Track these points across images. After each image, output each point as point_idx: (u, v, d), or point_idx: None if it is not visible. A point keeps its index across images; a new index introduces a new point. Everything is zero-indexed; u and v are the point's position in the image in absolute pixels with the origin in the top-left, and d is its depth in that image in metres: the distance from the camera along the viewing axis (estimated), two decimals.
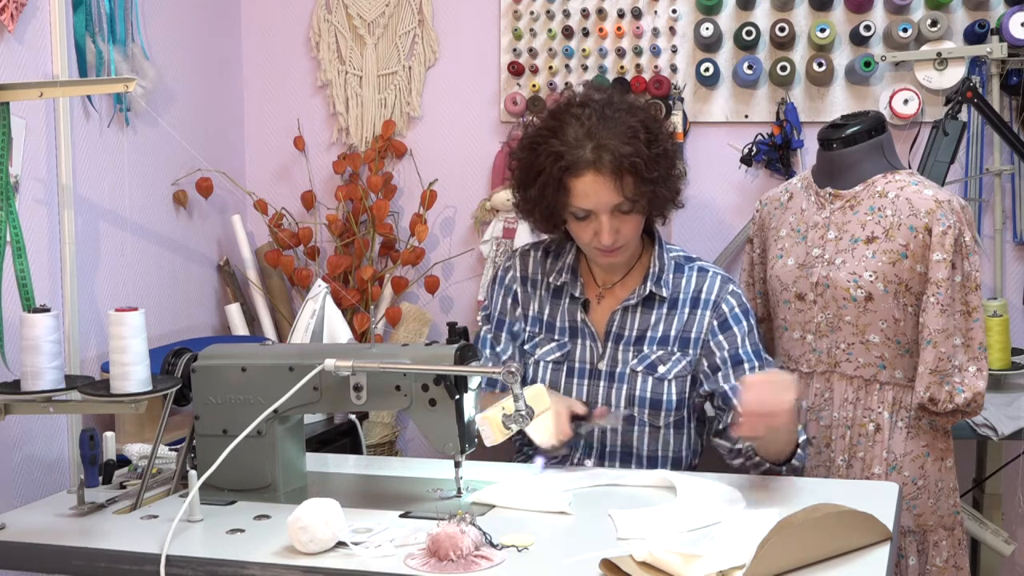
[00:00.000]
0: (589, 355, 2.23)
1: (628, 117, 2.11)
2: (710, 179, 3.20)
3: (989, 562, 2.88)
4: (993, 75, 2.98)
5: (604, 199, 2.09)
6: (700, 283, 2.23)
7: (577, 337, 2.25)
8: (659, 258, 2.24)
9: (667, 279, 2.23)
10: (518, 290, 2.32)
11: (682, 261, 2.26)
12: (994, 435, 2.57)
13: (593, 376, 2.22)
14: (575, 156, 2.08)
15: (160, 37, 2.97)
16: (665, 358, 2.20)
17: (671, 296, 2.22)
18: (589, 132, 2.09)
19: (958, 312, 2.22)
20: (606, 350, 2.22)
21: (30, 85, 2.30)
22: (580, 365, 2.24)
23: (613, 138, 2.07)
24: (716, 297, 2.21)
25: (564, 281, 2.27)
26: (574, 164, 2.08)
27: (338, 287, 3.15)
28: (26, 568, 1.84)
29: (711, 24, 3.10)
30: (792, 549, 1.56)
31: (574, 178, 2.09)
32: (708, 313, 2.20)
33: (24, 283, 2.26)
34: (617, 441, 2.21)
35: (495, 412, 1.97)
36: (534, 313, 2.30)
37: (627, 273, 2.26)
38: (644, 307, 2.23)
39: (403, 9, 3.35)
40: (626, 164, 2.06)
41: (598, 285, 2.27)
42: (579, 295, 2.25)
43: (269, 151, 3.48)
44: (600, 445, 2.22)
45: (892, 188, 2.28)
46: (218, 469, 1.84)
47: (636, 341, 2.21)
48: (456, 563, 1.61)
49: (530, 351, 2.28)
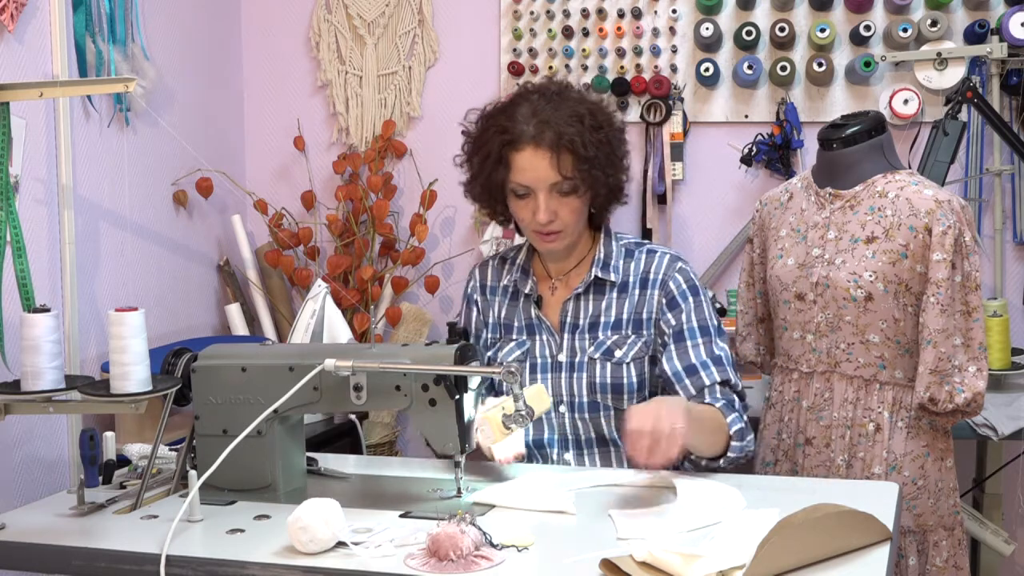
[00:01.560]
0: (548, 349, 2.25)
1: (576, 104, 2.18)
2: (710, 179, 3.20)
3: (989, 562, 2.88)
4: (993, 75, 2.98)
5: (541, 175, 2.14)
6: (648, 264, 2.25)
7: (535, 333, 2.27)
8: (605, 245, 2.27)
9: (616, 264, 2.26)
10: (478, 299, 2.37)
11: (632, 247, 2.29)
12: (994, 435, 2.57)
13: (554, 369, 2.24)
14: (518, 131, 2.15)
15: (160, 37, 2.97)
16: (620, 342, 2.21)
17: (621, 280, 2.25)
18: (535, 111, 2.16)
19: (958, 312, 2.22)
20: (563, 341, 2.24)
21: (30, 85, 2.30)
22: (541, 360, 2.26)
23: (558, 118, 2.14)
24: (664, 275, 2.23)
25: (514, 279, 2.29)
26: (516, 139, 2.15)
27: (338, 287, 3.15)
28: (26, 568, 1.84)
29: (711, 24, 3.10)
30: (792, 549, 1.56)
31: (515, 152, 2.15)
32: (657, 292, 2.22)
33: (24, 283, 2.26)
34: (590, 429, 2.22)
35: (495, 412, 1.97)
36: (494, 319, 2.33)
37: (578, 264, 2.28)
38: (595, 294, 2.25)
39: (403, 9, 3.35)
40: (564, 140, 2.12)
41: (551, 278, 2.30)
42: (530, 291, 2.27)
43: (269, 151, 3.48)
44: (574, 436, 2.23)
45: (892, 188, 2.28)
46: (218, 469, 1.84)
47: (590, 328, 2.24)
48: (456, 563, 1.61)
49: (493, 356, 2.30)
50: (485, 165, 2.20)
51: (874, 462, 2.27)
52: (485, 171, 2.21)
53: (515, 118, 2.16)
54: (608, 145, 2.19)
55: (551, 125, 2.13)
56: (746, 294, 2.55)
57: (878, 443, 2.27)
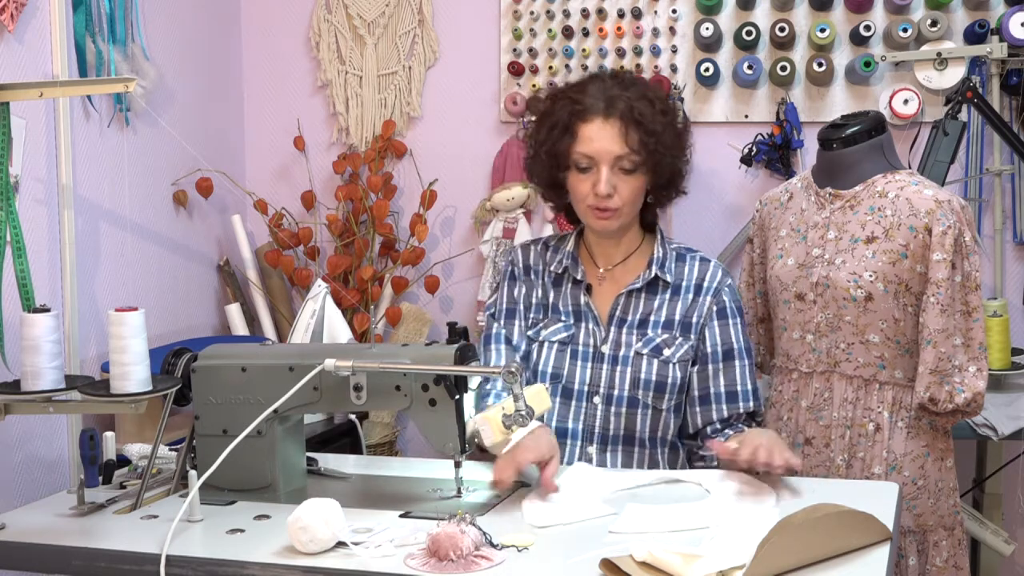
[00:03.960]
0: (592, 338, 2.25)
1: (646, 89, 2.22)
2: (710, 179, 3.20)
3: (989, 562, 2.88)
4: (993, 75, 2.98)
5: (607, 146, 2.15)
6: (703, 271, 2.27)
7: (580, 320, 2.27)
8: (662, 246, 2.29)
9: (670, 266, 2.26)
10: (522, 278, 2.34)
11: (683, 252, 2.32)
12: (994, 435, 2.57)
13: (596, 359, 2.24)
14: (589, 103, 2.18)
15: (160, 37, 2.97)
16: (670, 341, 2.22)
17: (674, 282, 2.26)
18: (606, 89, 2.19)
19: (958, 312, 2.22)
20: (609, 333, 2.24)
21: (30, 85, 2.30)
22: (584, 348, 2.25)
23: (628, 95, 2.18)
24: (717, 285, 2.26)
25: (565, 266, 2.29)
26: (586, 110, 2.17)
27: (338, 287, 3.15)
28: (26, 568, 1.84)
29: (711, 24, 3.10)
30: (792, 549, 1.56)
31: (582, 122, 2.17)
32: (709, 299, 2.25)
33: (24, 283, 2.26)
34: (620, 426, 2.22)
35: (495, 412, 1.97)
36: (538, 300, 2.32)
37: (627, 258, 2.28)
38: (648, 292, 2.26)
39: (403, 9, 3.35)
40: (635, 114, 2.15)
41: (598, 268, 2.29)
42: (581, 279, 2.27)
43: (269, 151, 3.48)
44: (602, 430, 2.22)
45: (892, 188, 2.28)
46: (218, 469, 1.84)
47: (640, 325, 2.24)
48: (456, 563, 1.61)
49: (534, 335, 2.29)
50: (551, 135, 2.21)
51: (874, 462, 2.27)
52: (551, 140, 2.21)
53: (586, 92, 2.20)
54: (674, 129, 2.22)
55: (621, 99, 2.16)
56: (746, 294, 2.55)
57: (878, 443, 2.27)
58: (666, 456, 2.25)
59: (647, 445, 2.23)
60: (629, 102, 2.15)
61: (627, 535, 1.73)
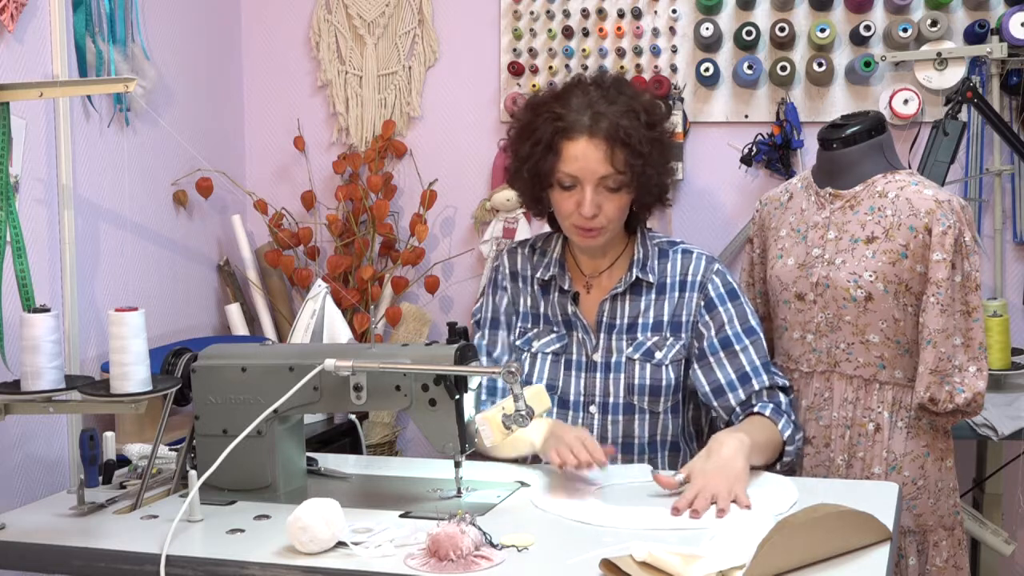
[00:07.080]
0: (583, 347, 2.24)
1: (631, 100, 2.15)
2: (710, 179, 3.20)
3: (989, 562, 2.88)
4: (993, 75, 2.98)
5: (592, 166, 2.10)
6: (686, 265, 2.24)
7: (571, 330, 2.25)
8: (642, 245, 2.25)
9: (652, 265, 2.24)
10: (508, 286, 2.33)
11: (665, 246, 2.28)
12: (994, 435, 2.57)
13: (589, 368, 2.23)
14: (572, 120, 2.11)
15: (160, 37, 2.97)
16: (660, 343, 2.21)
17: (658, 281, 2.24)
18: (591, 103, 2.12)
19: (958, 312, 2.22)
20: (599, 341, 2.23)
21: (30, 85, 2.30)
22: (576, 358, 2.24)
23: (613, 112, 2.11)
24: (702, 278, 2.23)
25: (552, 274, 2.28)
26: (570, 127, 2.11)
27: (338, 287, 3.15)
28: (26, 568, 1.84)
29: (711, 24, 3.10)
30: (792, 549, 1.56)
31: (567, 141, 2.11)
32: (696, 295, 2.22)
33: (24, 283, 2.26)
34: (619, 432, 2.22)
35: (495, 412, 1.97)
36: (526, 308, 2.30)
37: (613, 263, 2.27)
38: (632, 294, 2.24)
39: (403, 9, 3.35)
40: (621, 134, 2.09)
41: (584, 275, 2.28)
42: (568, 288, 2.25)
43: (269, 151, 3.48)
44: (600, 439, 2.22)
45: (892, 188, 2.28)
46: (218, 469, 1.84)
47: (628, 329, 2.22)
48: (456, 563, 1.61)
49: (524, 345, 2.28)
50: (534, 152, 2.15)
51: (874, 462, 2.27)
52: (533, 158, 2.16)
53: (569, 106, 2.12)
54: (661, 144, 2.16)
55: (607, 116, 2.09)
56: (746, 294, 2.54)
57: (878, 443, 2.27)
58: (666, 458, 2.25)
59: (646, 450, 2.23)
60: (614, 120, 2.09)
61: (627, 535, 1.73)
